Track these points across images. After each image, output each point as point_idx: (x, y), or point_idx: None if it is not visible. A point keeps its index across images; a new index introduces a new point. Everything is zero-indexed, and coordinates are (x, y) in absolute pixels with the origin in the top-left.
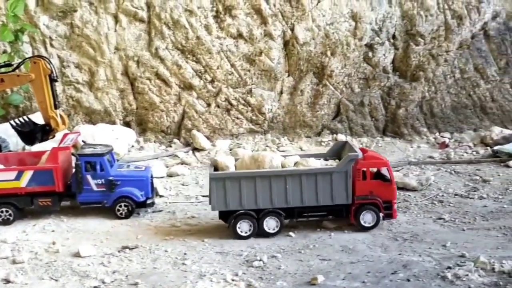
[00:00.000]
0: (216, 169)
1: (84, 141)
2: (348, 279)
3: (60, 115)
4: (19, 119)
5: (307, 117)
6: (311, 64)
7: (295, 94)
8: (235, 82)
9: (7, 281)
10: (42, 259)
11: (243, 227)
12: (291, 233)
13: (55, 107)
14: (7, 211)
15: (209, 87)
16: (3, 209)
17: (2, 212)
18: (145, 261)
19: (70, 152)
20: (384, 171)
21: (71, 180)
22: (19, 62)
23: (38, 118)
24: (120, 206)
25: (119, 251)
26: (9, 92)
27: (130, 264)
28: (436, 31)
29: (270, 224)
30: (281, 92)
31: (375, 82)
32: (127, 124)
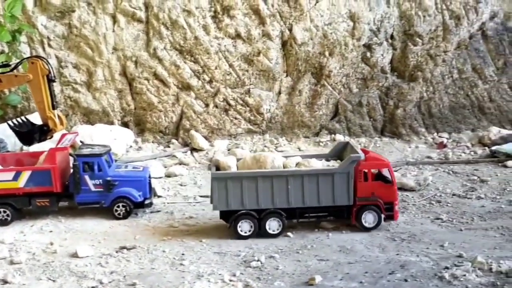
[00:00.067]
0: (218, 169)
1: (82, 141)
2: (345, 279)
3: (58, 115)
4: (17, 120)
5: (305, 117)
6: (309, 64)
7: (293, 94)
8: (233, 82)
9: (4, 282)
10: (39, 259)
11: (244, 227)
12: (289, 233)
13: (53, 108)
14: (4, 211)
15: (207, 87)
16: (1, 209)
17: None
18: (143, 261)
19: (68, 152)
20: (385, 172)
21: (69, 181)
22: (17, 62)
23: (36, 118)
24: (118, 207)
25: (117, 252)
26: (7, 92)
27: (128, 264)
28: (434, 31)
29: (272, 225)
30: (279, 92)
31: (373, 82)
32: (125, 125)
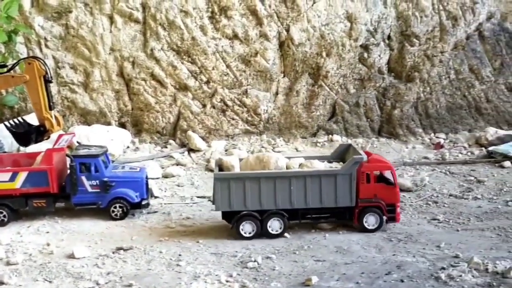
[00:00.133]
0: (221, 169)
1: (79, 142)
2: (342, 280)
3: (55, 116)
4: (13, 120)
5: (302, 117)
6: (306, 65)
7: (290, 95)
8: (231, 83)
9: (1, 283)
10: (36, 260)
11: (246, 228)
12: (286, 234)
13: (50, 108)
14: (1, 212)
15: (205, 88)
16: None
17: None
18: (139, 262)
19: (65, 153)
20: (387, 174)
21: (65, 181)
22: (13, 63)
23: (32, 119)
24: (115, 207)
25: (114, 253)
26: (3, 93)
27: (125, 265)
28: (431, 32)
29: (274, 225)
30: (276, 93)
31: (370, 83)
32: (122, 125)
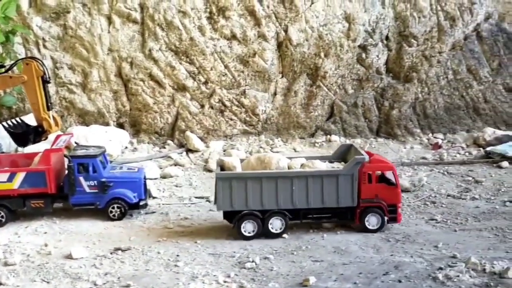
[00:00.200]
0: (222, 169)
1: (77, 142)
2: (340, 280)
3: (53, 116)
4: (11, 121)
5: (300, 118)
6: (304, 65)
7: (288, 95)
8: (229, 83)
9: None
10: (34, 261)
11: (248, 227)
12: (284, 234)
13: (48, 109)
14: None
15: (203, 88)
16: None
17: None
18: (137, 263)
19: (63, 153)
20: (389, 174)
21: (63, 182)
22: (11, 63)
23: (30, 119)
24: (113, 208)
25: (112, 253)
26: (2, 93)
27: (122, 266)
28: (429, 32)
29: (275, 224)
30: (274, 93)
31: (369, 83)
32: (120, 126)
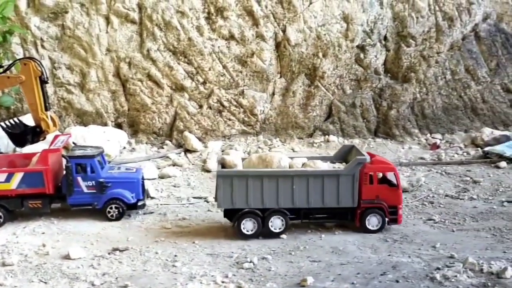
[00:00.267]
0: (224, 167)
1: (75, 142)
2: (337, 280)
3: (51, 116)
4: (9, 121)
5: (299, 118)
6: (303, 66)
7: (287, 95)
8: (227, 83)
9: None
10: (31, 261)
11: (248, 225)
12: (283, 234)
13: (46, 109)
14: None
15: (201, 88)
16: None
17: None
18: (135, 263)
19: (61, 154)
20: (390, 176)
21: (61, 182)
22: (9, 63)
23: (28, 120)
24: (111, 208)
25: (109, 253)
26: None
27: (120, 266)
28: (427, 32)
29: (276, 223)
30: (273, 94)
31: (367, 83)
32: (118, 126)
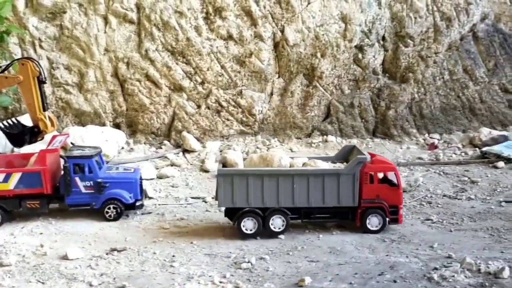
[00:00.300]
0: (225, 166)
1: (73, 143)
2: (335, 280)
3: (49, 117)
4: (7, 121)
5: (297, 118)
6: (301, 66)
7: (285, 95)
8: (225, 83)
9: None
10: (29, 261)
11: (248, 225)
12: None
13: (44, 109)
14: None
15: (199, 88)
16: None
17: None
18: (133, 263)
19: (59, 154)
20: (391, 176)
21: (59, 182)
22: (7, 64)
23: (26, 120)
24: (109, 208)
25: (107, 254)
26: None
27: (118, 266)
28: (425, 32)
29: (276, 222)
30: (271, 94)
31: (365, 83)
32: (117, 126)
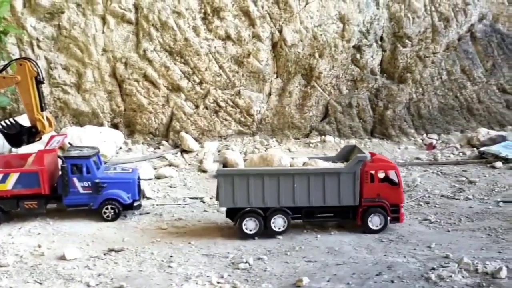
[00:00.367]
0: (225, 166)
1: (71, 143)
2: (333, 280)
3: (47, 117)
4: (5, 121)
5: (295, 118)
6: (299, 66)
7: (283, 95)
8: (224, 83)
9: None
10: (27, 262)
11: (249, 225)
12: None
13: (42, 109)
14: None
15: (198, 88)
16: None
17: None
18: (130, 264)
19: (57, 154)
20: (391, 174)
21: (57, 183)
22: (5, 64)
23: (24, 120)
24: (107, 209)
25: (105, 254)
26: None
27: (116, 267)
28: (423, 33)
29: (278, 222)
30: (269, 94)
31: (363, 83)
32: (115, 126)
